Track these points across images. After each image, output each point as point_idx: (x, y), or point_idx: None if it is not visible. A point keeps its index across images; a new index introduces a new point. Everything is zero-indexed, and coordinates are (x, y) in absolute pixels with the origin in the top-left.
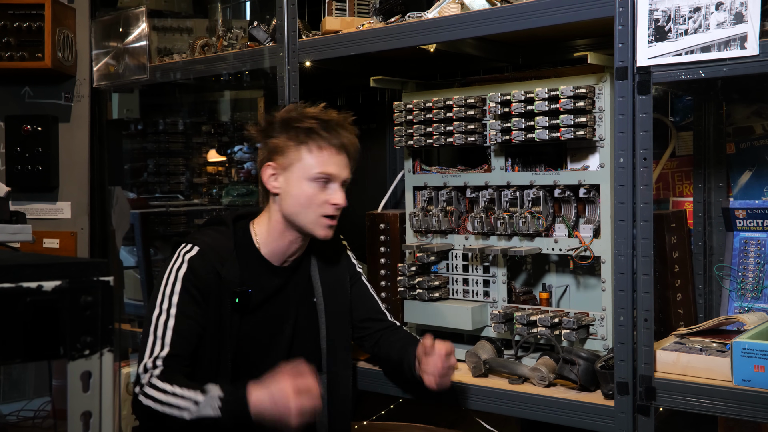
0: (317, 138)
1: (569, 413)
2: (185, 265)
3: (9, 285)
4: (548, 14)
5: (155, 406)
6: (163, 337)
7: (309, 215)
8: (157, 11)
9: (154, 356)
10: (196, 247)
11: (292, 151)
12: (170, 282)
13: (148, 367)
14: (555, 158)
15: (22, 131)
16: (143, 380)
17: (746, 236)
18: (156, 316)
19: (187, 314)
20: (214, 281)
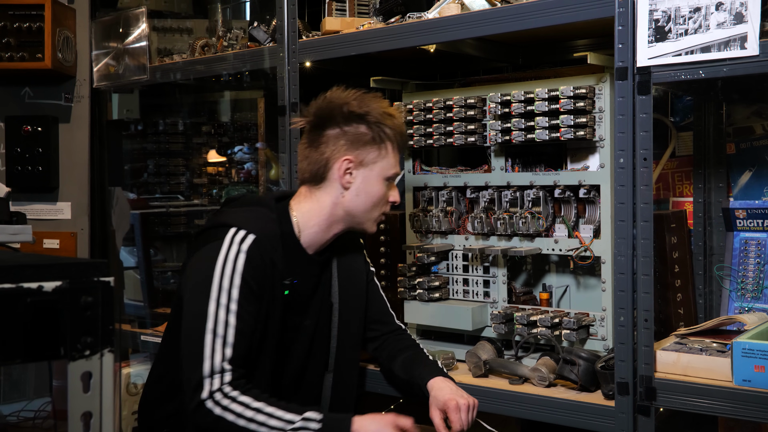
0: (396, 137)
1: (569, 413)
2: (243, 255)
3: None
4: (548, 14)
5: (234, 420)
6: (225, 336)
7: (374, 213)
8: (157, 12)
9: (219, 359)
10: (251, 235)
11: (375, 148)
12: (227, 273)
13: (215, 371)
14: (555, 158)
15: (22, 132)
16: (212, 386)
17: (746, 236)
18: (214, 312)
19: (248, 311)
20: (270, 272)
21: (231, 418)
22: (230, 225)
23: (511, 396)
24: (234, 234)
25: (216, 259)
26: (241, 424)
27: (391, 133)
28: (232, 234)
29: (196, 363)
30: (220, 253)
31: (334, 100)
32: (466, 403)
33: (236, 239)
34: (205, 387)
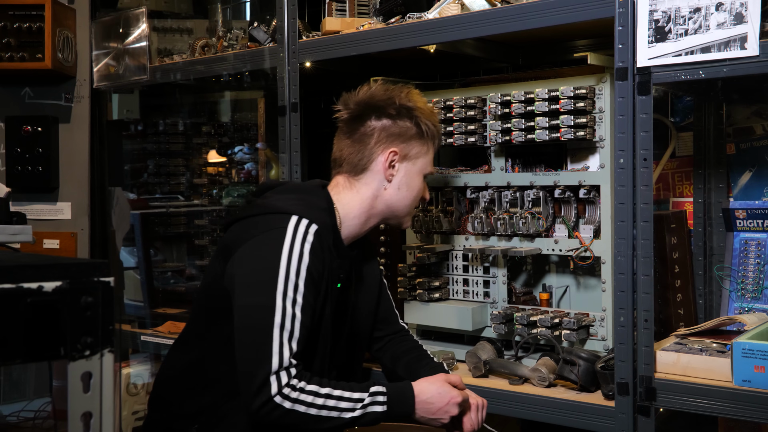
0: (438, 136)
1: (569, 414)
2: (308, 246)
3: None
4: (548, 15)
5: (307, 410)
6: (293, 330)
7: (411, 207)
8: (157, 12)
9: (288, 355)
10: (314, 225)
11: (419, 144)
12: (294, 264)
13: (284, 365)
14: (555, 159)
15: (23, 132)
16: (281, 383)
17: (746, 237)
18: (281, 305)
19: (311, 305)
20: (329, 264)
21: (302, 408)
22: (291, 213)
23: (511, 396)
24: (297, 222)
25: (281, 248)
26: (313, 412)
27: (435, 130)
28: (295, 222)
29: (261, 359)
30: (285, 242)
31: (379, 93)
32: (475, 402)
33: (300, 228)
34: (273, 384)
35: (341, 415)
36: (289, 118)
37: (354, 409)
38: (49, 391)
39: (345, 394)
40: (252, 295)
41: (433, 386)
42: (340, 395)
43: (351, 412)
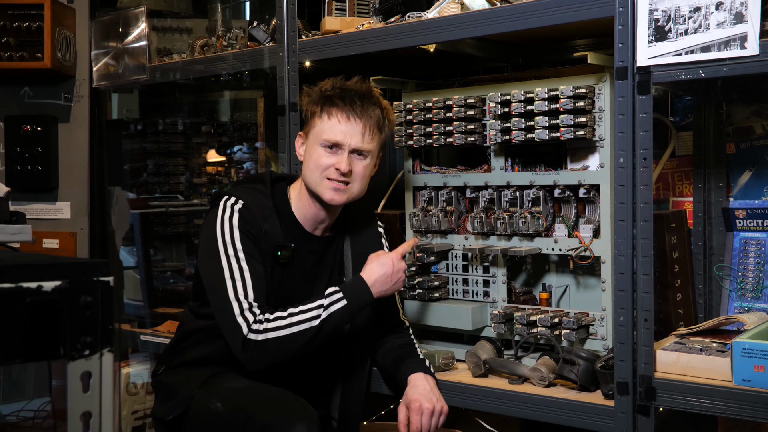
0: (331, 104)
1: (569, 413)
2: (237, 214)
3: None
4: (548, 14)
5: (278, 333)
6: (243, 279)
7: (315, 177)
8: (156, 11)
9: (244, 299)
10: (240, 200)
11: (314, 118)
12: (227, 229)
13: (245, 311)
14: (555, 158)
15: (22, 131)
16: (248, 323)
17: (746, 236)
18: (226, 263)
19: (254, 256)
20: (260, 234)
21: (274, 334)
22: (224, 194)
23: (510, 396)
24: (226, 200)
25: (215, 221)
26: (284, 333)
27: (323, 100)
28: (224, 200)
29: (227, 311)
30: (218, 216)
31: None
32: (431, 407)
33: (228, 203)
34: (243, 326)
35: (311, 324)
36: (289, 117)
37: (319, 315)
38: (48, 390)
39: (305, 306)
40: (206, 267)
41: (373, 263)
42: (302, 309)
43: (317, 318)
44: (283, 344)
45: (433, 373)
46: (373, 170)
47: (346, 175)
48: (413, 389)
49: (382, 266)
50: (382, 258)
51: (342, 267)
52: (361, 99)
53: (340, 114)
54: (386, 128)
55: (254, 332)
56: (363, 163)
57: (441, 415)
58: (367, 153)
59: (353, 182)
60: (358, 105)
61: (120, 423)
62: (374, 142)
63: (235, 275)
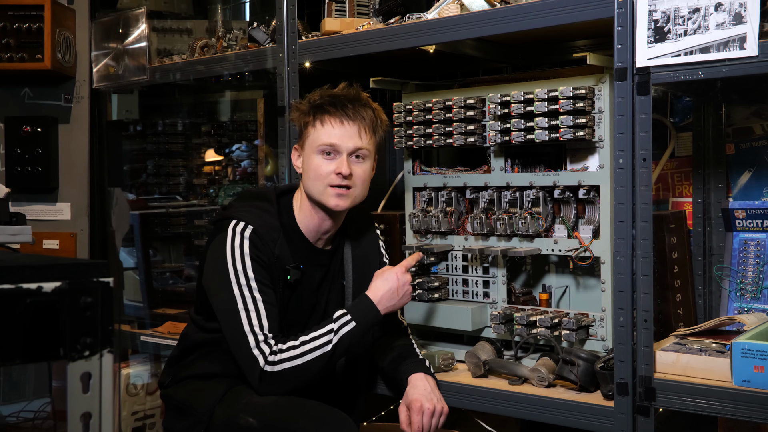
0: (322, 112)
1: (569, 414)
2: (247, 241)
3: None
4: (547, 15)
5: (294, 363)
6: (257, 309)
7: (318, 186)
8: (156, 12)
9: (259, 331)
10: (249, 226)
11: (307, 129)
12: (238, 258)
13: (261, 343)
14: (554, 159)
15: (22, 132)
16: (264, 357)
17: (746, 237)
18: (238, 293)
19: (266, 284)
20: (271, 258)
21: (289, 364)
22: (232, 218)
23: (510, 396)
24: (235, 225)
25: (225, 249)
26: (299, 362)
27: (314, 109)
28: (233, 225)
29: (243, 343)
30: (227, 243)
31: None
32: (431, 408)
33: (238, 229)
34: (259, 358)
35: (325, 350)
36: (289, 117)
37: (330, 340)
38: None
39: (315, 333)
40: (217, 294)
41: (378, 280)
42: (312, 336)
43: (329, 344)
44: (300, 373)
45: (433, 373)
46: (371, 173)
47: (347, 178)
48: (414, 389)
49: (386, 282)
50: (386, 274)
51: (342, 272)
52: (352, 102)
53: (333, 119)
54: (380, 129)
55: (270, 364)
56: (363, 166)
57: (442, 415)
58: (365, 154)
59: (355, 186)
60: (350, 108)
61: (120, 424)
62: (371, 143)
63: (248, 306)
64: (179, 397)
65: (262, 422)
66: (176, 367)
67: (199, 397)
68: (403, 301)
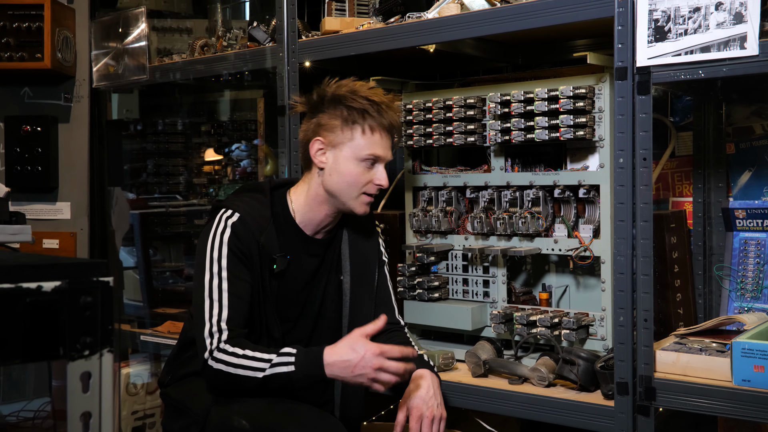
0: (369, 119)
1: (569, 413)
2: (229, 230)
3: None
4: (548, 14)
5: (227, 369)
6: (220, 299)
7: (353, 193)
8: (156, 12)
9: (216, 320)
10: (236, 213)
11: (343, 130)
12: (216, 246)
13: (213, 332)
14: (555, 158)
15: (22, 132)
16: (212, 346)
17: (746, 236)
18: (208, 280)
19: (238, 276)
20: (255, 247)
21: (223, 368)
22: (222, 206)
23: (510, 396)
24: (222, 213)
25: (208, 236)
26: (231, 371)
27: (361, 115)
28: (220, 214)
29: (199, 327)
30: (211, 231)
31: (319, 87)
32: (431, 416)
33: (224, 217)
34: (207, 347)
35: (254, 375)
36: (289, 117)
37: (263, 369)
38: (48, 391)
39: (258, 355)
40: (194, 278)
41: (345, 344)
42: (254, 356)
43: (261, 372)
44: (229, 381)
45: (436, 371)
46: None
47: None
48: (416, 391)
49: (351, 352)
50: (357, 344)
51: (339, 267)
52: (392, 110)
53: (382, 131)
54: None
55: (213, 359)
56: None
57: (442, 421)
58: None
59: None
60: (392, 117)
61: (120, 423)
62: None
63: (213, 294)
64: (177, 397)
65: (254, 425)
66: (175, 364)
67: (195, 398)
68: (357, 380)
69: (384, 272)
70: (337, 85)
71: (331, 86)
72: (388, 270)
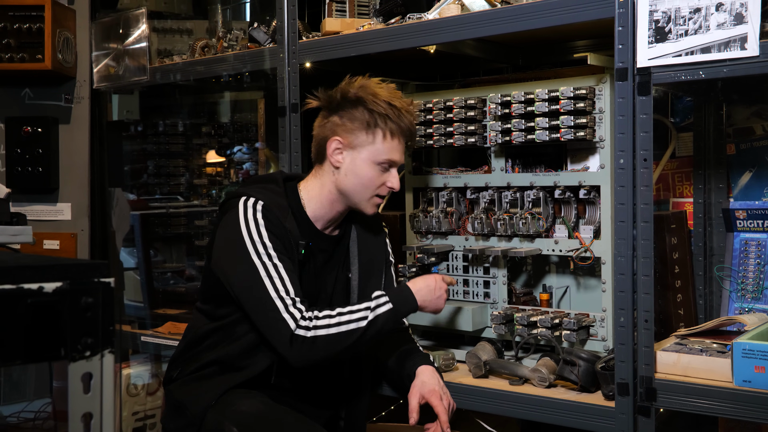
0: (390, 124)
1: (569, 414)
2: (259, 214)
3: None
4: (548, 15)
5: (331, 331)
6: (280, 276)
7: (365, 194)
8: (157, 13)
9: (289, 298)
10: (260, 201)
11: (363, 132)
12: (253, 229)
13: (290, 309)
14: (555, 159)
15: (23, 133)
16: (295, 322)
17: (746, 237)
18: (260, 263)
19: (284, 253)
20: (284, 232)
21: (323, 332)
22: (241, 195)
23: (511, 397)
24: (246, 200)
25: (238, 223)
26: (333, 331)
27: (383, 119)
28: (244, 200)
29: (269, 310)
30: (240, 217)
31: (341, 86)
32: (448, 399)
33: (249, 204)
34: (289, 322)
35: (359, 324)
36: (289, 118)
37: (366, 316)
38: (49, 391)
39: (353, 308)
40: (234, 267)
41: (419, 279)
42: (350, 310)
43: (365, 320)
44: (331, 343)
45: (439, 371)
46: None
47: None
48: (428, 379)
49: (425, 279)
50: (427, 276)
51: (347, 264)
52: (411, 116)
53: (401, 137)
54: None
55: (303, 329)
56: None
57: (453, 410)
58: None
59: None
60: (411, 123)
61: (121, 424)
62: None
63: (271, 273)
64: (178, 396)
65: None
66: (182, 360)
67: (194, 399)
68: (438, 302)
69: (390, 272)
70: (360, 86)
71: (354, 86)
72: (395, 271)
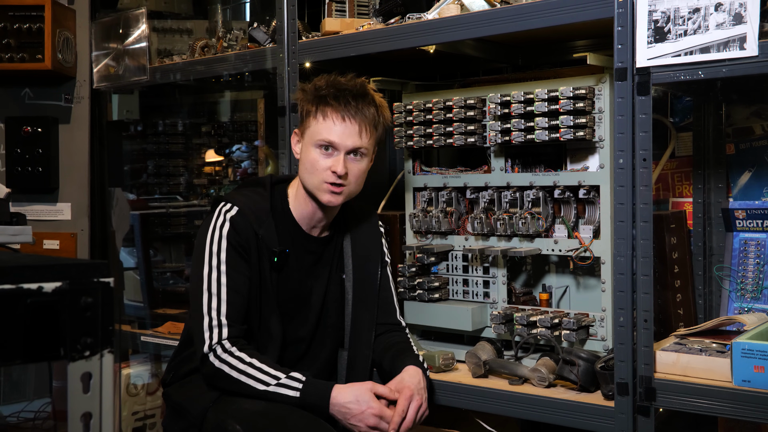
0: (325, 105)
1: (569, 414)
2: (228, 224)
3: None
4: (548, 15)
5: (229, 371)
6: (219, 293)
7: (313, 180)
8: (157, 12)
9: (215, 314)
10: (235, 207)
11: (309, 118)
12: (215, 239)
13: (213, 326)
14: (555, 159)
15: (23, 132)
16: (211, 340)
17: (746, 237)
18: (207, 273)
19: (236, 269)
20: (253, 240)
21: (227, 369)
22: (222, 200)
23: (510, 396)
24: (222, 206)
25: (207, 229)
26: (234, 375)
27: (317, 101)
28: (220, 207)
29: (197, 319)
30: (210, 224)
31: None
32: (420, 401)
33: (223, 210)
34: (206, 341)
35: (257, 385)
36: (289, 118)
37: (268, 383)
38: (49, 391)
39: (265, 368)
40: (193, 269)
41: (354, 391)
42: (261, 368)
43: (264, 385)
44: (230, 383)
45: (426, 372)
46: (368, 168)
47: (342, 177)
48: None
49: (355, 402)
50: (364, 396)
51: (342, 264)
52: (356, 98)
53: (335, 114)
54: (381, 126)
55: (214, 354)
56: (359, 165)
57: (424, 413)
58: (363, 152)
59: (349, 183)
60: (353, 105)
61: (120, 424)
62: (370, 141)
63: (212, 288)
64: (176, 398)
65: (247, 430)
66: (176, 362)
67: (194, 400)
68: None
69: (386, 272)
70: (320, 77)
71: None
72: (391, 270)
